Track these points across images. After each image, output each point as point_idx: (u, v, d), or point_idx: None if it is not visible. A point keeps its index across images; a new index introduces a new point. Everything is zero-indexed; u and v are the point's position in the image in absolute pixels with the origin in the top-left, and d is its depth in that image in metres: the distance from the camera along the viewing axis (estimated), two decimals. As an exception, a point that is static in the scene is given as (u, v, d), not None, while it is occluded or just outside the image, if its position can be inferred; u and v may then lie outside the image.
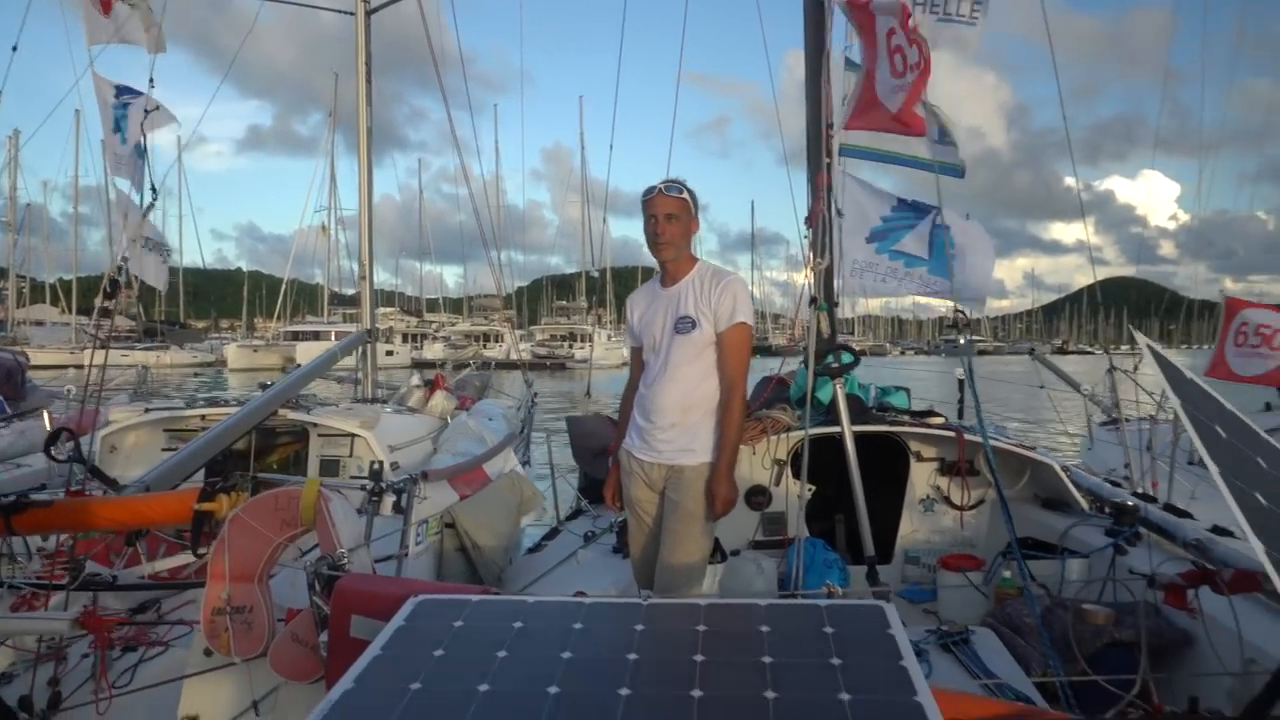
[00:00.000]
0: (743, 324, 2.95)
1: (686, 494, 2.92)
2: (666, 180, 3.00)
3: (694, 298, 2.95)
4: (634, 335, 3.17)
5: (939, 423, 4.56)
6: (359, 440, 5.13)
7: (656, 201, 2.95)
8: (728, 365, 2.95)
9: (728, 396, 2.95)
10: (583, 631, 2.00)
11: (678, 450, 2.95)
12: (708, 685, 1.71)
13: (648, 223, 2.97)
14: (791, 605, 2.12)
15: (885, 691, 1.69)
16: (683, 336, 2.93)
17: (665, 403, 2.95)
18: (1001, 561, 3.91)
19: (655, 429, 2.98)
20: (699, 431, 2.95)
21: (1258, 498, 1.59)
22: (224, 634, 2.64)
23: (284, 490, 2.73)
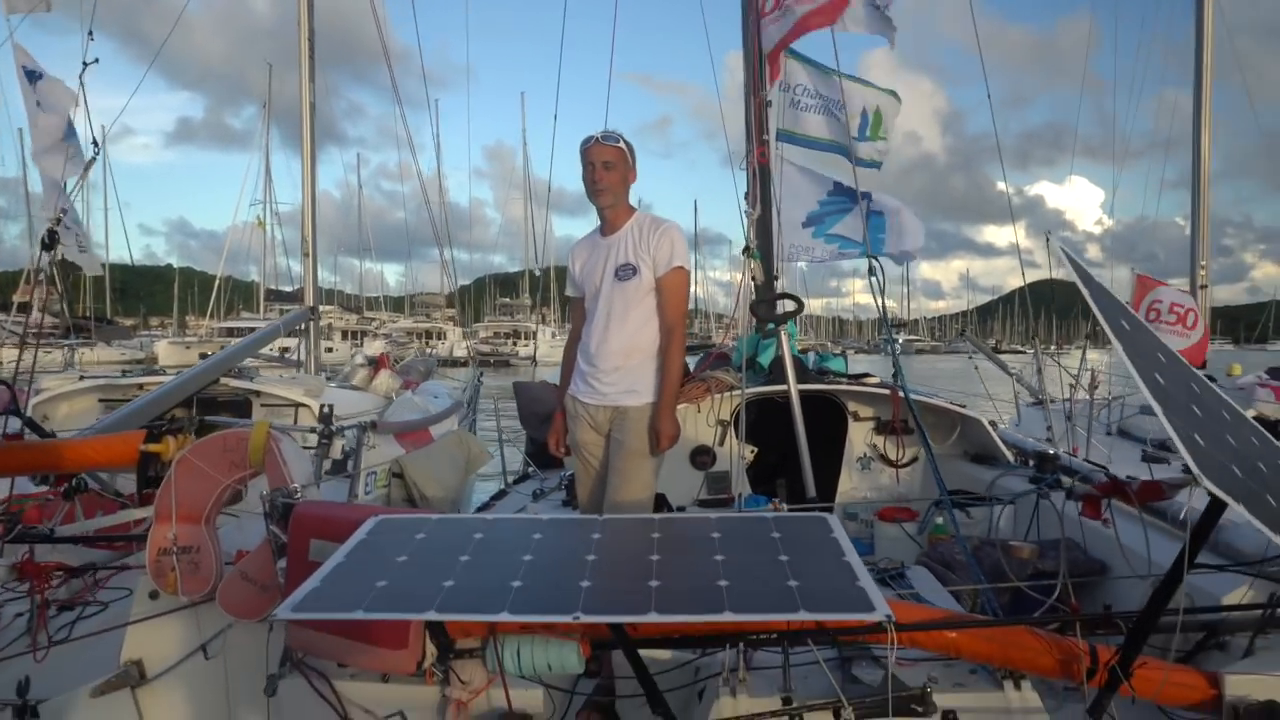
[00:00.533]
0: (680, 268, 3.06)
1: (630, 433, 3.02)
2: (603, 130, 3.09)
3: (633, 245, 3.04)
4: (575, 284, 3.24)
5: (874, 382, 4.73)
6: (304, 410, 5.09)
7: (594, 150, 3.02)
8: (667, 309, 3.05)
9: (668, 339, 3.06)
10: (542, 541, 2.09)
11: (622, 392, 3.05)
12: (663, 576, 1.81)
13: (586, 170, 3.04)
14: (741, 517, 2.23)
15: (832, 580, 1.81)
16: (623, 283, 3.03)
17: (609, 348, 3.05)
18: (935, 510, 4.08)
19: (599, 372, 3.07)
20: (642, 373, 3.06)
21: (1157, 377, 1.74)
22: (170, 574, 2.64)
23: (233, 432, 2.74)
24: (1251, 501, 1.51)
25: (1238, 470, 1.64)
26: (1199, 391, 1.91)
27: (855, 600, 1.68)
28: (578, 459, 3.22)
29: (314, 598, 1.78)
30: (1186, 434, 1.55)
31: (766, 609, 1.67)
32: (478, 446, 4.22)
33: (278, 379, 5.38)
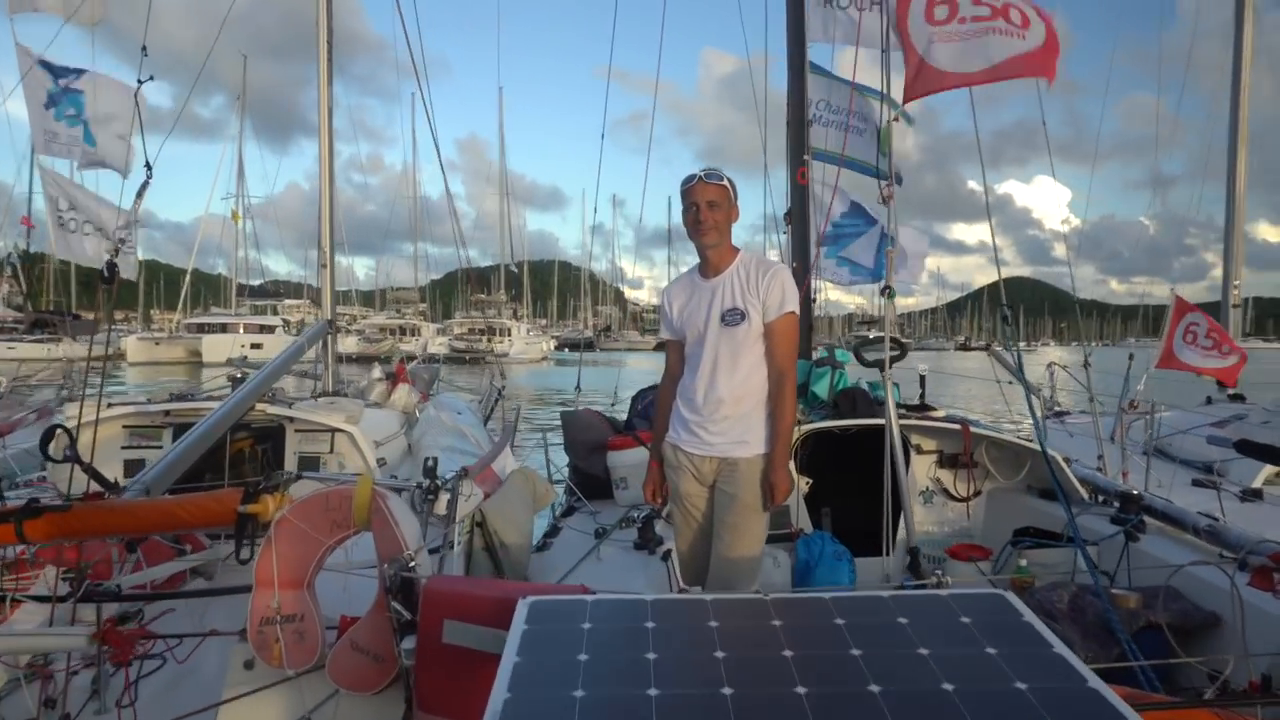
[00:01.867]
0: (792, 313, 2.93)
1: (742, 486, 2.88)
2: (706, 168, 2.95)
3: (740, 289, 2.91)
4: (672, 328, 3.09)
5: (941, 415, 4.64)
6: (340, 436, 4.89)
7: (697, 189, 2.89)
8: (778, 355, 2.91)
9: (779, 386, 2.91)
10: (721, 630, 1.95)
11: (731, 442, 2.91)
12: (881, 679, 1.68)
13: (688, 211, 2.92)
14: (917, 595, 2.11)
15: (1054, 678, 1.69)
16: (731, 328, 2.89)
17: (717, 395, 2.90)
18: (1011, 551, 4.00)
19: (707, 421, 2.93)
20: (752, 422, 2.92)
21: None
22: (275, 645, 2.47)
23: (336, 490, 2.57)
24: None
25: None
26: None
27: (1101, 711, 1.58)
28: (679, 510, 3.07)
29: (511, 715, 1.64)
30: None
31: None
32: (543, 484, 4.05)
33: (313, 403, 5.16)
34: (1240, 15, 6.96)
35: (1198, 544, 3.52)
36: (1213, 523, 3.52)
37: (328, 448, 4.93)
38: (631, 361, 31.88)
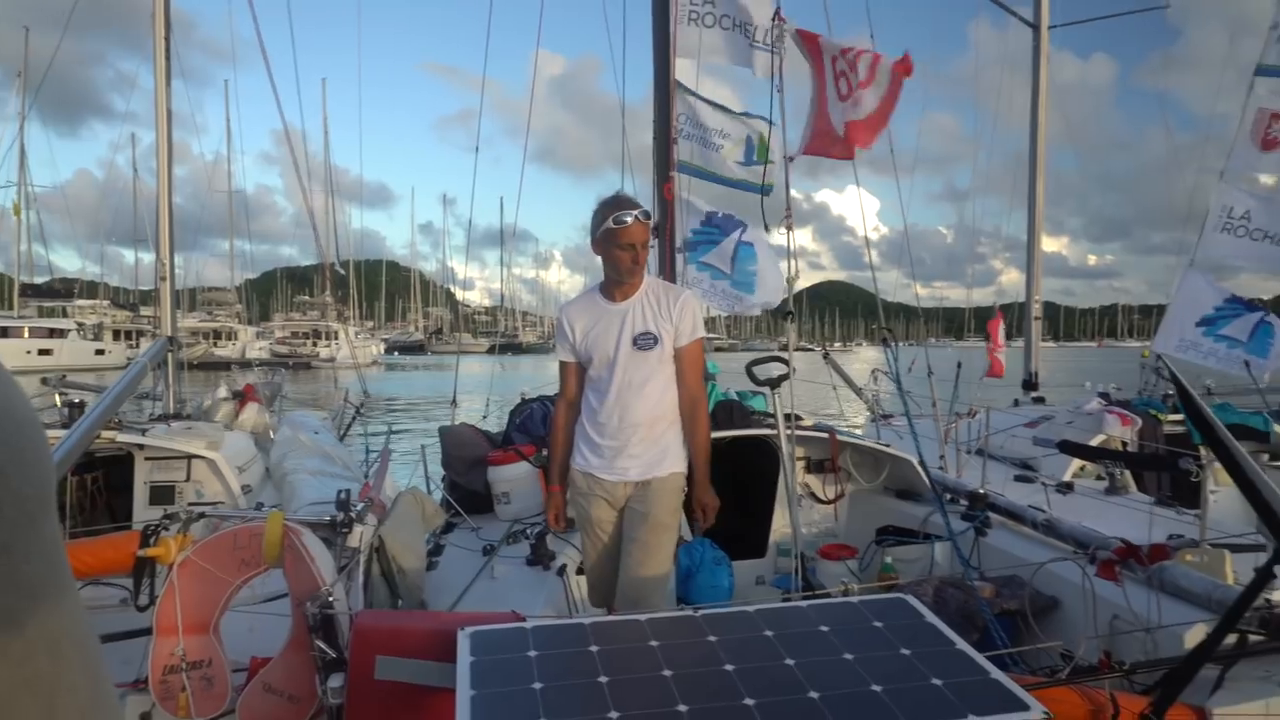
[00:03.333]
0: (701, 338, 3.07)
1: (656, 504, 2.97)
2: (634, 205, 2.96)
3: (651, 314, 2.97)
4: (574, 351, 3.08)
5: (810, 424, 4.95)
6: (198, 463, 4.58)
7: (635, 231, 2.90)
8: (690, 379, 3.02)
9: (694, 409, 3.03)
10: (663, 648, 2.05)
11: (648, 465, 2.99)
12: (817, 684, 1.84)
13: (623, 251, 2.90)
14: (833, 604, 2.30)
15: (963, 673, 1.92)
16: (644, 352, 2.95)
17: (632, 419, 2.95)
18: (876, 549, 4.34)
19: (621, 445, 2.98)
20: (665, 443, 3.01)
21: None
22: (180, 695, 2.35)
23: (244, 527, 2.47)
24: None
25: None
26: None
27: (1005, 699, 1.81)
28: (588, 536, 3.10)
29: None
30: None
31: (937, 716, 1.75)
32: (431, 504, 3.97)
33: (166, 429, 4.78)
34: (1036, 54, 7.86)
35: (1034, 536, 3.98)
36: (1046, 517, 3.99)
37: (183, 476, 4.60)
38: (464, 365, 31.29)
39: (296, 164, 7.47)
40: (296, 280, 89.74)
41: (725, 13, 6.99)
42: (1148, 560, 2.67)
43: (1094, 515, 4.62)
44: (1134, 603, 2.98)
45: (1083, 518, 4.18)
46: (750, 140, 7.47)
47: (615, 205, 2.95)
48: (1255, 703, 2.32)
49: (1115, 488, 5.38)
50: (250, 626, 2.63)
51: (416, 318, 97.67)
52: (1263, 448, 6.14)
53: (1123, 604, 3.01)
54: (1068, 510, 4.70)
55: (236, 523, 2.54)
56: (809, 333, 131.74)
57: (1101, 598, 3.06)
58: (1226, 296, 7.37)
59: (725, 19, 7.08)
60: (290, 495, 4.51)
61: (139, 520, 4.25)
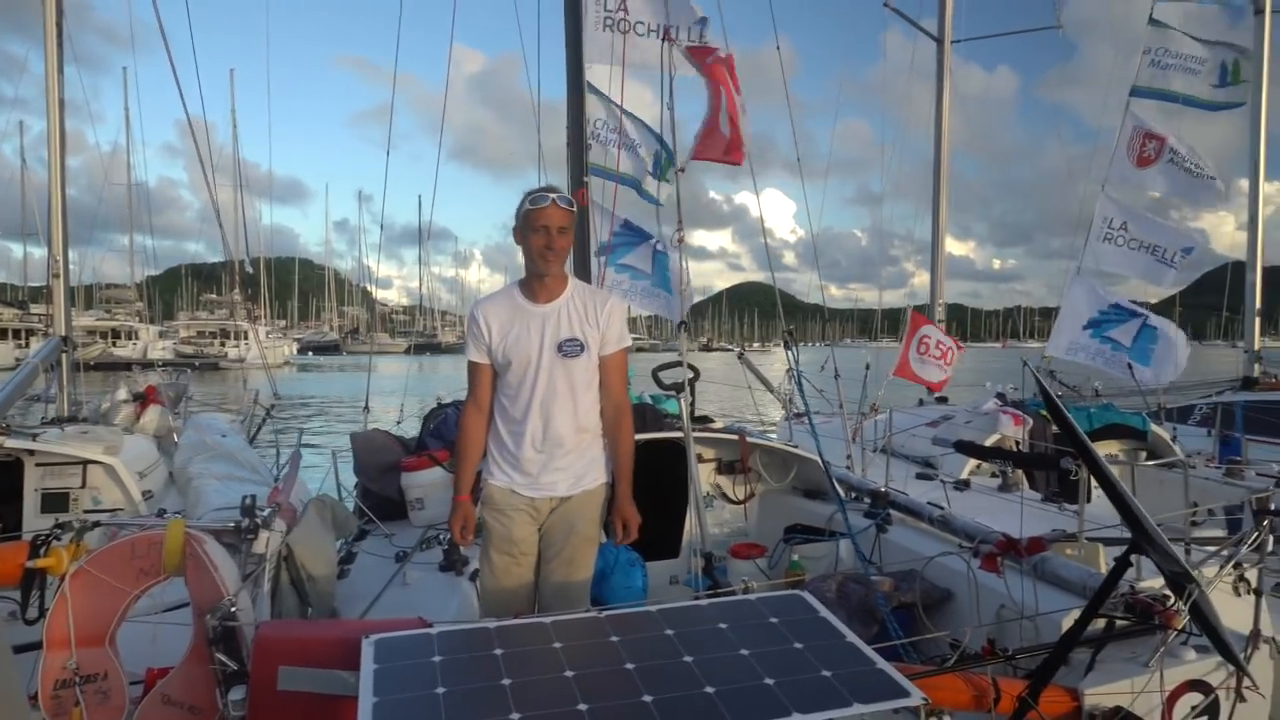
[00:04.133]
0: (628, 347, 2.96)
1: (581, 518, 2.86)
2: (553, 189, 2.83)
3: (578, 318, 2.82)
4: (489, 353, 2.86)
5: (720, 426, 5.07)
6: (94, 469, 4.40)
7: (550, 213, 2.73)
8: (615, 389, 2.90)
9: (619, 419, 2.91)
10: (566, 650, 2.11)
11: (575, 478, 2.87)
12: (714, 679, 1.93)
13: (537, 235, 2.73)
14: (731, 602, 2.39)
15: (852, 665, 2.04)
16: (569, 359, 2.80)
17: (557, 432, 2.82)
18: (785, 547, 4.48)
19: (546, 459, 2.84)
20: (590, 455, 2.90)
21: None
22: (74, 709, 2.29)
23: (143, 535, 2.42)
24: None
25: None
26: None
27: (889, 687, 1.93)
28: (502, 554, 2.90)
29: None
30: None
31: (823, 706, 1.85)
32: (343, 510, 3.91)
33: (60, 434, 4.57)
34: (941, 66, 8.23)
35: (931, 531, 4.18)
36: (942, 513, 4.19)
37: (78, 482, 4.42)
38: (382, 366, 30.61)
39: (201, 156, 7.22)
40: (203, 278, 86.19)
41: (640, 19, 7.09)
42: (1026, 553, 2.86)
43: (988, 511, 4.85)
44: (1018, 593, 3.18)
45: (978, 514, 4.41)
46: (659, 156, 7.60)
47: (534, 190, 2.83)
48: (1121, 682, 2.51)
49: (1008, 485, 5.68)
50: (150, 637, 2.56)
51: (331, 317, 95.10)
52: (1141, 445, 6.58)
53: (1007, 594, 3.20)
54: (964, 507, 4.93)
55: (134, 531, 2.48)
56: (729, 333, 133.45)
57: (989, 589, 3.25)
58: (1111, 302, 7.82)
59: (640, 25, 7.19)
60: (195, 501, 4.40)
61: (29, 530, 4.07)
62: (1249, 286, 9.00)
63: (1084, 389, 9.01)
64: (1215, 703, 2.55)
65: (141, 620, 2.57)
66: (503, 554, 2.90)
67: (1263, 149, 8.06)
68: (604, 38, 7.06)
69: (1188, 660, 2.56)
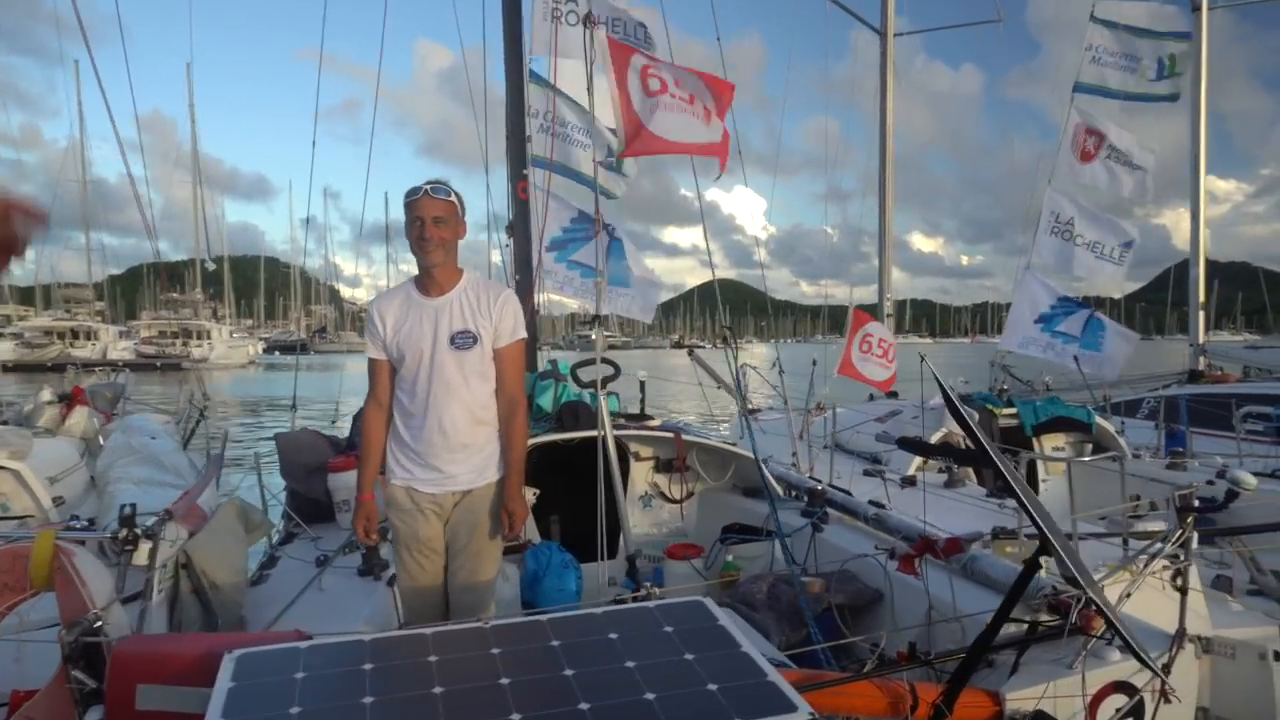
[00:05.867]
0: (523, 340, 2.95)
1: (483, 512, 2.85)
2: (432, 181, 2.81)
3: (470, 310, 2.83)
4: (384, 347, 2.86)
5: (657, 424, 4.98)
6: (6, 474, 4.22)
7: (423, 203, 2.76)
8: (511, 381, 2.90)
9: (512, 412, 2.90)
10: (442, 663, 1.99)
11: (472, 472, 2.85)
12: (591, 695, 1.83)
13: (412, 226, 2.76)
14: (627, 609, 2.30)
15: (741, 676, 1.95)
16: (462, 352, 2.80)
17: (452, 422, 2.80)
18: (720, 548, 4.40)
19: (444, 452, 2.82)
20: (489, 449, 2.89)
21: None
22: (-76, 736, 2.14)
23: (7, 547, 2.27)
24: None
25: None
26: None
27: (776, 701, 1.84)
28: (412, 554, 2.90)
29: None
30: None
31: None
32: (257, 514, 3.77)
33: (-39, 438, 4.39)
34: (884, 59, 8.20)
35: (868, 530, 4.12)
36: (879, 511, 4.13)
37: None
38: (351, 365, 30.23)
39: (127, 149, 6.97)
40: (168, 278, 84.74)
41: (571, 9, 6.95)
42: (943, 554, 2.79)
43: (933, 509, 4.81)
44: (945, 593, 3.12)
45: (922, 511, 4.35)
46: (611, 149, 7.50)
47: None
48: (1044, 684, 2.45)
49: (954, 481, 5.65)
50: (18, 658, 2.42)
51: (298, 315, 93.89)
52: (1087, 438, 6.59)
53: (938, 596, 3.14)
54: (909, 504, 4.89)
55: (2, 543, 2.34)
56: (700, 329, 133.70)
57: (917, 590, 3.18)
58: (1059, 295, 7.85)
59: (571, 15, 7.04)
60: (109, 506, 4.23)
61: None
62: (1192, 281, 9.09)
63: (1037, 383, 9.06)
64: (1140, 704, 2.51)
65: (9, 639, 2.43)
66: (412, 553, 2.90)
67: (1203, 144, 8.13)
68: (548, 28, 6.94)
69: (1112, 661, 2.51)
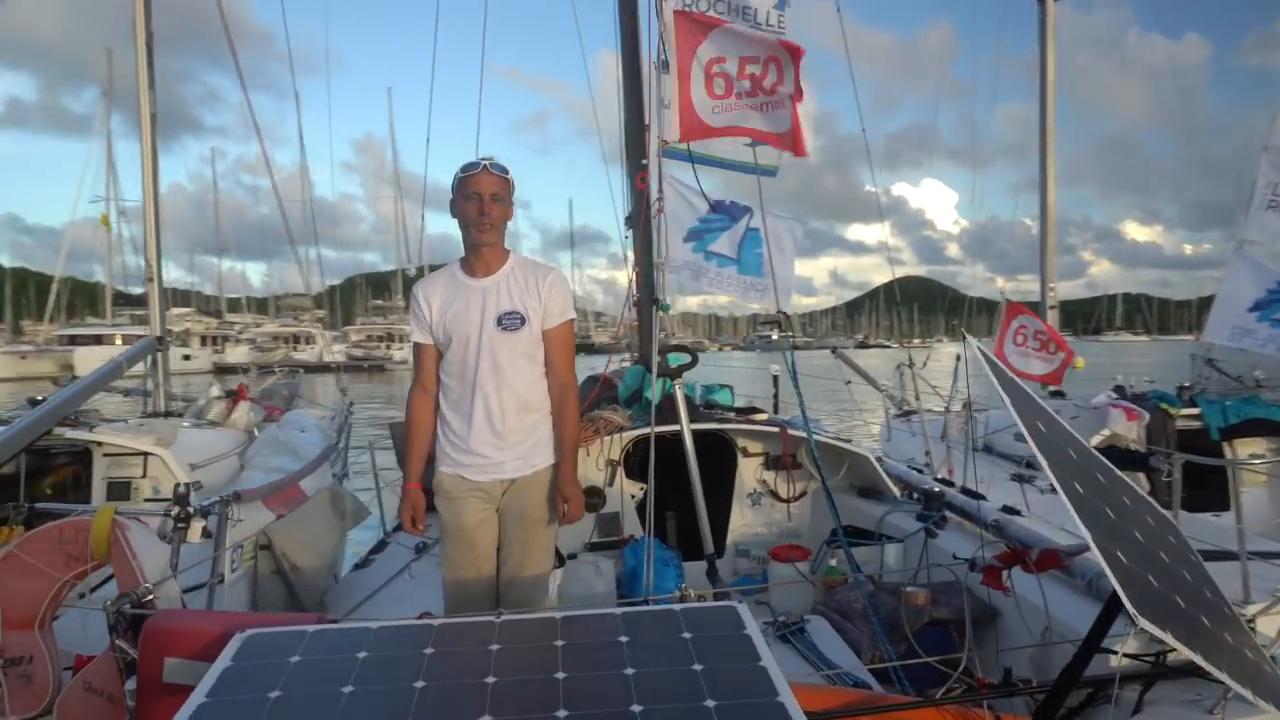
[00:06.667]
0: (572, 320, 2.83)
1: (533, 501, 2.75)
2: (487, 158, 2.71)
3: (518, 290, 2.71)
4: (430, 330, 2.76)
5: (764, 419, 4.71)
6: (154, 459, 4.62)
7: (481, 179, 2.65)
8: (561, 364, 2.78)
9: (564, 396, 2.79)
10: (435, 656, 1.88)
11: (520, 460, 2.74)
12: (573, 704, 1.65)
13: (469, 202, 2.65)
14: (648, 612, 2.10)
15: (748, 694, 1.70)
16: (510, 333, 2.68)
17: (502, 407, 2.69)
18: (826, 550, 4.08)
19: (492, 438, 2.70)
20: (539, 435, 2.77)
21: (1076, 486, 1.72)
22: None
23: (70, 520, 2.42)
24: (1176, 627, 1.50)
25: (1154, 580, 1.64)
26: (1104, 483, 1.92)
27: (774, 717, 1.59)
28: (458, 545, 2.80)
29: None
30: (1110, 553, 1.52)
31: (683, 743, 1.55)
32: (354, 502, 3.90)
33: (123, 426, 4.87)
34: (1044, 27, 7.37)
35: (990, 538, 3.66)
36: (1000, 517, 3.66)
37: (140, 472, 4.66)
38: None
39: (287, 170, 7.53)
40: (377, 286, 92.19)
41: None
42: (1035, 567, 2.37)
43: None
44: (1067, 612, 2.70)
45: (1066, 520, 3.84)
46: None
47: (469, 162, 2.73)
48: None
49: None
50: (82, 625, 2.58)
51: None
52: (1294, 442, 5.61)
53: (1057, 615, 2.72)
54: (1050, 511, 4.36)
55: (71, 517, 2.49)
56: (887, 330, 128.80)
57: (1034, 606, 2.77)
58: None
59: (719, 4, 6.83)
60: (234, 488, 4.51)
61: None
62: None
63: (1247, 379, 7.86)
64: None
65: (83, 607, 2.59)
66: (456, 545, 2.79)
67: None
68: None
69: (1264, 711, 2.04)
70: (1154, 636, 2.30)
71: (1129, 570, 1.57)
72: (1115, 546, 1.62)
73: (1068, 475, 1.70)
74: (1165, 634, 1.44)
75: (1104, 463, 2.08)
